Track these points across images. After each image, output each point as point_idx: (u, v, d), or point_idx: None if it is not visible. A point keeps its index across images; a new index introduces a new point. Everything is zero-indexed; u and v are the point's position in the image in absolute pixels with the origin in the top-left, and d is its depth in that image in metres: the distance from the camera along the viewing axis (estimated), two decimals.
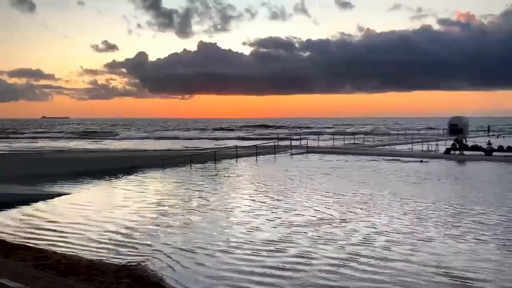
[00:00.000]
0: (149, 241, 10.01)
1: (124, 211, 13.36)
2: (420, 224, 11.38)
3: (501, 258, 8.70)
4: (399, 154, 31.66)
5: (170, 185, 18.92)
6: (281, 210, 13.23)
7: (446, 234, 10.38)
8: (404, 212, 12.75)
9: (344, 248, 9.32)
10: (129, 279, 7.47)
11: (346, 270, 8.04)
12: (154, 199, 15.34)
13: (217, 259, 8.74)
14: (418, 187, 17.41)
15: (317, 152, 33.75)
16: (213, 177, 21.03)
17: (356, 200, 14.71)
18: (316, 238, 10.13)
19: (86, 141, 57.64)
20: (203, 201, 14.89)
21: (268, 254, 9.02)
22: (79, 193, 16.73)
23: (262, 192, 16.51)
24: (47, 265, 7.92)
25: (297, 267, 8.19)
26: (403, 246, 9.44)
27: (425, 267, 8.16)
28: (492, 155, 29.44)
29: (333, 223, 11.57)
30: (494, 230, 10.75)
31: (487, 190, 16.74)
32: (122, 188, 17.94)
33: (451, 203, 13.94)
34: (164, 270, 8.10)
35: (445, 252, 9.03)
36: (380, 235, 10.31)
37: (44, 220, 12.26)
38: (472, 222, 11.56)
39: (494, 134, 60.51)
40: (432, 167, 24.53)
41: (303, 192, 16.38)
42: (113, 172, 22.13)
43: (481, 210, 12.91)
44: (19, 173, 20.16)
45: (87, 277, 7.38)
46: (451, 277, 7.66)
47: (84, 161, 26.11)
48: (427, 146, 34.53)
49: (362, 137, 50.85)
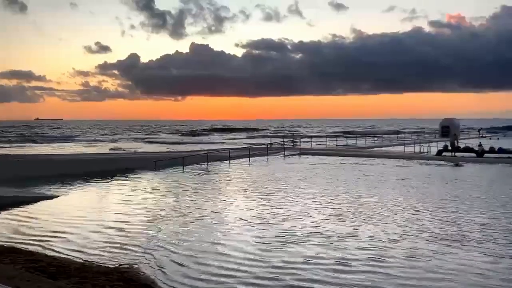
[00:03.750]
0: (141, 243, 9.96)
1: (115, 213, 13.27)
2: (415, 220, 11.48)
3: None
4: (393, 156, 31.80)
5: (162, 187, 18.84)
6: (275, 213, 13.23)
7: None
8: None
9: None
10: (121, 281, 7.43)
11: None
12: (146, 201, 15.27)
13: (210, 262, 8.71)
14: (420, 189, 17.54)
15: (310, 154, 33.82)
16: (206, 179, 20.99)
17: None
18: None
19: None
20: (195, 203, 14.85)
21: (261, 258, 8.99)
22: (69, 196, 16.60)
23: (255, 195, 16.51)
24: (37, 268, 7.85)
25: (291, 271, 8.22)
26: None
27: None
28: (483, 157, 29.70)
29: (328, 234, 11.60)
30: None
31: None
32: (113, 190, 17.84)
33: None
34: (156, 272, 8.06)
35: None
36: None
37: (34, 223, 12.14)
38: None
39: (486, 136, 61.06)
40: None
41: (297, 196, 16.41)
42: (104, 173, 21.99)
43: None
44: (7, 175, 19.95)
45: (78, 280, 7.32)
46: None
47: (75, 163, 25.91)
48: (420, 147, 34.77)
49: (355, 139, 51.07)
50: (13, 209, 13.88)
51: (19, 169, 22.09)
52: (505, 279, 7.70)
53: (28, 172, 21.59)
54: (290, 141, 43.86)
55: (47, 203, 15.13)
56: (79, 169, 23.36)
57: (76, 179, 20.35)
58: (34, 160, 25.80)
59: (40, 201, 15.23)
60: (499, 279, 7.66)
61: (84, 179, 20.49)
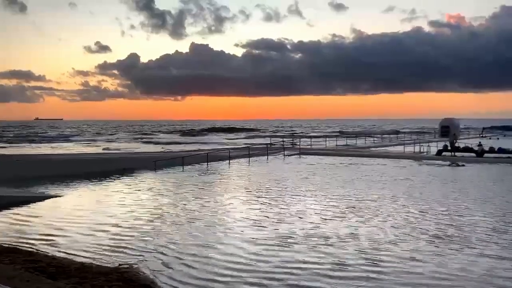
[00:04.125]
0: (140, 243, 9.94)
1: (115, 213, 13.25)
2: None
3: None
4: (393, 156, 31.80)
5: (162, 187, 18.82)
6: (275, 215, 13.22)
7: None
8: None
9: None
10: (120, 281, 7.42)
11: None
12: (146, 202, 15.26)
13: (210, 262, 8.70)
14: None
15: (310, 154, 33.80)
16: (206, 179, 20.97)
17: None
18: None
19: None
20: (196, 203, 14.83)
21: (263, 258, 8.96)
22: (68, 196, 16.58)
23: (255, 195, 16.50)
24: (37, 268, 7.84)
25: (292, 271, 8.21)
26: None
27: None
28: (483, 157, 29.71)
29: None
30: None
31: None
32: (113, 190, 17.81)
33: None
34: (156, 272, 8.05)
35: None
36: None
37: (34, 223, 12.13)
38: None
39: (486, 136, 61.09)
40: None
41: (298, 196, 16.40)
42: (104, 174, 21.96)
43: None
44: (7, 175, 19.92)
45: (78, 280, 7.32)
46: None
47: (75, 163, 25.88)
48: (419, 147, 34.79)
49: (354, 138, 51.07)
50: (13, 209, 13.85)
51: (18, 169, 22.07)
52: (507, 278, 7.69)
53: (28, 172, 21.54)
54: (290, 142, 43.84)
55: (46, 203, 15.11)
56: (79, 169, 23.31)
57: (75, 179, 20.31)
58: (33, 160, 25.76)
59: (40, 201, 15.20)
60: (502, 280, 7.64)
61: (84, 179, 20.43)
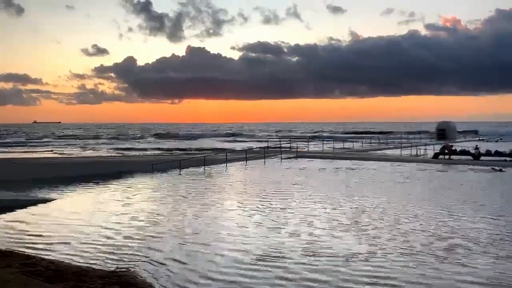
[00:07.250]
0: (138, 247, 9.93)
1: (112, 217, 13.22)
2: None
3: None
4: (390, 159, 31.88)
5: (159, 191, 18.79)
6: (274, 219, 13.22)
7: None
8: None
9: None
10: (118, 285, 7.41)
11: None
12: (143, 205, 15.23)
13: (207, 265, 8.69)
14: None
15: (307, 157, 33.85)
16: (202, 182, 20.97)
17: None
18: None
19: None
20: (193, 207, 14.82)
21: (261, 263, 8.97)
22: (65, 199, 16.54)
23: (252, 199, 16.50)
24: (34, 271, 7.83)
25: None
26: None
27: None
28: (480, 160, 29.83)
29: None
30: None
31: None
32: (109, 194, 17.77)
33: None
34: (153, 276, 8.04)
35: None
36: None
37: (30, 226, 12.09)
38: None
39: (483, 138, 61.37)
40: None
41: (294, 199, 16.42)
42: (100, 177, 21.94)
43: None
44: (3, 179, 19.88)
45: (75, 284, 7.31)
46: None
47: (71, 165, 25.85)
48: (416, 150, 34.92)
49: (352, 142, 51.17)
50: (10, 213, 13.82)
51: (15, 172, 22.03)
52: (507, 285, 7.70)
53: (24, 175, 21.54)
54: (287, 145, 43.89)
55: (43, 206, 15.05)
56: (74, 172, 23.29)
57: (71, 183, 20.27)
58: (29, 163, 25.75)
59: (37, 205, 15.16)
60: (502, 285, 7.63)
61: (80, 183, 20.40)
